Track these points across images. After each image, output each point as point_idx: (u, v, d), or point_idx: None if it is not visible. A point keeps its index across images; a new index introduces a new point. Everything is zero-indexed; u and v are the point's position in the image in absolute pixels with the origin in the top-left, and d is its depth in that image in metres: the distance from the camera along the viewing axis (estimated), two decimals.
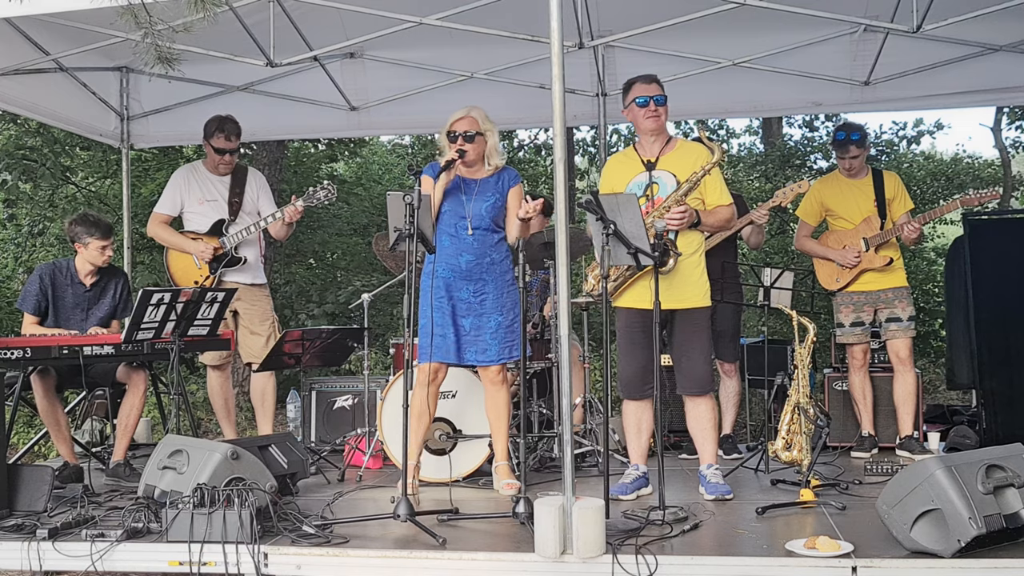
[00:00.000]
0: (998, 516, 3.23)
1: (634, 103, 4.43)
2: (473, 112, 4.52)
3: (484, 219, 4.52)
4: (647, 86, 4.43)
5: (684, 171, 4.35)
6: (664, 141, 4.47)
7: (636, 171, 4.44)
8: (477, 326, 4.52)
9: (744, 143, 15.19)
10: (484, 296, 4.53)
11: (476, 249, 4.50)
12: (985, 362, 5.45)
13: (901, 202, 5.40)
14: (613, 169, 4.60)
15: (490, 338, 4.51)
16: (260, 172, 5.75)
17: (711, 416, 4.43)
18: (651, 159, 4.42)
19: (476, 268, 4.51)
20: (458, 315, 4.51)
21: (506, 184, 4.58)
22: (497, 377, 4.56)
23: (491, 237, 4.56)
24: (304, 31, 5.46)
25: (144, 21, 3.47)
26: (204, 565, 3.49)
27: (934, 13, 4.68)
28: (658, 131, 4.45)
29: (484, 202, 4.51)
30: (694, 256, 4.37)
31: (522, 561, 3.42)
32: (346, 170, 15.07)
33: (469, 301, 4.51)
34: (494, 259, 4.55)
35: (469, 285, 4.51)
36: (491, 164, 4.56)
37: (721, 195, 4.39)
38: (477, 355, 4.52)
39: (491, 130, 4.53)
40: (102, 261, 5.14)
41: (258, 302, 5.56)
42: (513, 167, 4.99)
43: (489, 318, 4.52)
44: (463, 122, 4.48)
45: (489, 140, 4.52)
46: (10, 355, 4.40)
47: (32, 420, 7.81)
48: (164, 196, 5.60)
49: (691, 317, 4.37)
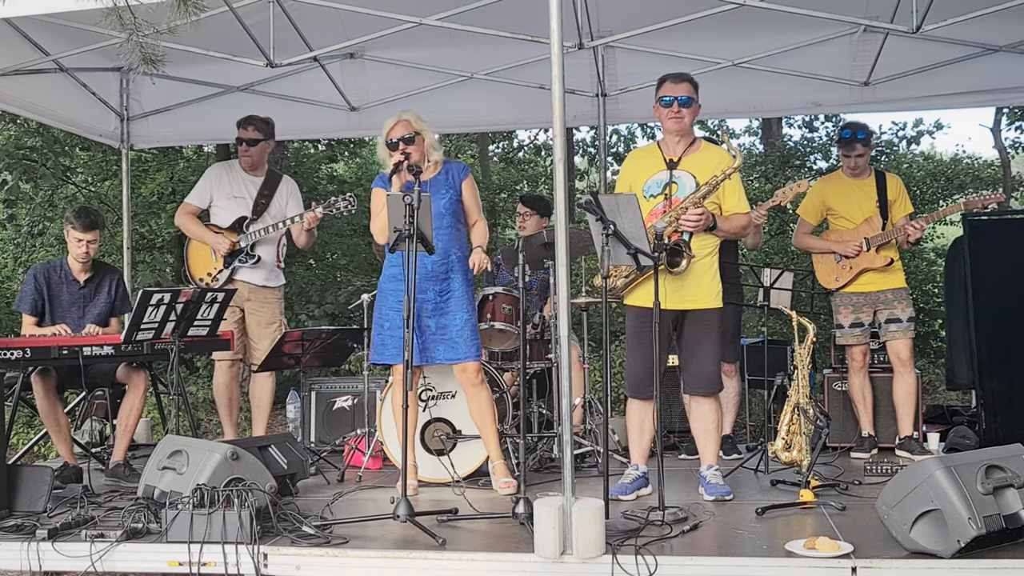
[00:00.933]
0: (998, 516, 3.23)
1: (659, 102, 4.41)
2: (404, 115, 4.53)
3: (444, 217, 4.52)
4: (675, 85, 4.39)
5: (705, 174, 4.33)
6: (689, 142, 4.45)
7: (657, 168, 4.43)
8: (443, 325, 4.52)
9: (744, 143, 15.19)
10: (450, 295, 4.54)
11: (440, 248, 4.47)
12: (985, 362, 5.45)
13: (902, 205, 5.40)
14: (634, 162, 4.61)
15: (456, 335, 4.52)
16: (294, 181, 5.81)
17: (715, 417, 4.43)
18: (673, 158, 4.41)
19: (441, 267, 4.52)
20: (423, 316, 4.49)
21: (456, 178, 4.60)
22: (476, 378, 4.57)
23: (453, 234, 4.56)
24: (304, 31, 5.46)
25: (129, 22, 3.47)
26: (204, 565, 3.49)
27: (934, 13, 4.69)
28: (681, 132, 4.42)
29: (440, 199, 4.51)
30: (707, 258, 4.36)
31: (522, 561, 3.42)
32: (346, 170, 15.08)
33: (435, 301, 4.52)
34: (458, 256, 4.55)
35: (435, 285, 4.52)
36: (431, 160, 4.56)
37: (739, 202, 4.38)
38: (446, 353, 4.52)
39: (425, 128, 4.54)
40: (78, 254, 5.15)
41: (267, 304, 5.57)
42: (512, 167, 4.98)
43: (455, 316, 4.53)
44: (398, 127, 4.49)
45: (427, 138, 4.53)
46: (10, 355, 4.40)
47: (32, 420, 7.81)
48: (196, 187, 5.75)
49: (701, 318, 4.37)
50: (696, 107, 4.41)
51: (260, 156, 5.65)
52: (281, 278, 5.74)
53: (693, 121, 4.45)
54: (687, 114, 4.38)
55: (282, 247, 5.68)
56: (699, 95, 4.45)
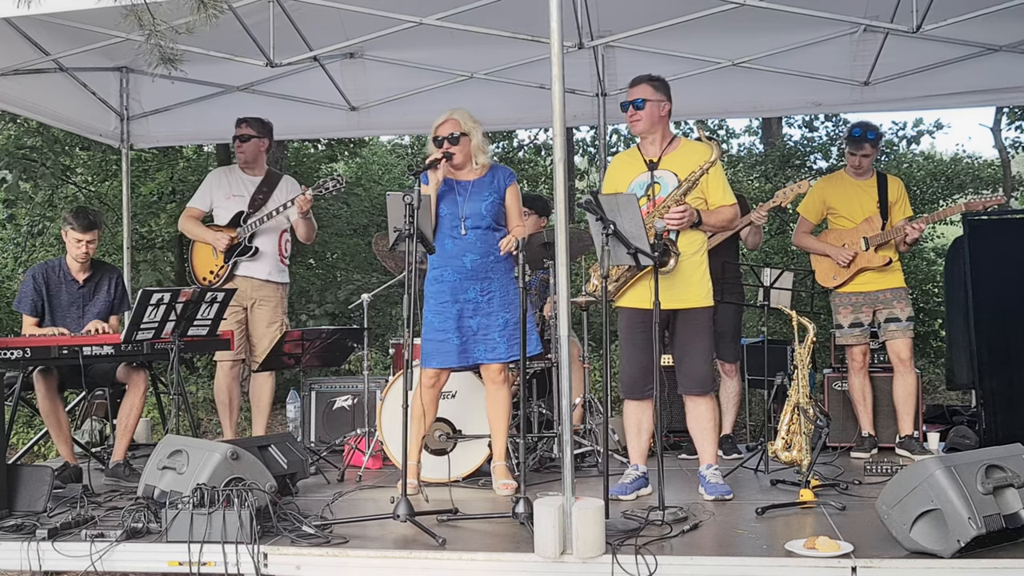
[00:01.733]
0: (997, 516, 3.23)
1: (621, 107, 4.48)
2: (455, 114, 4.53)
3: (484, 218, 4.52)
4: (631, 89, 4.46)
5: (685, 171, 4.34)
6: (667, 141, 4.47)
7: (639, 171, 4.44)
8: (485, 325, 4.52)
9: (744, 143, 15.21)
10: (491, 295, 4.53)
11: (479, 248, 4.50)
12: (985, 362, 5.45)
13: (902, 207, 5.40)
14: (616, 169, 4.61)
15: (498, 336, 4.51)
16: (295, 180, 5.82)
17: (711, 416, 4.43)
18: (653, 159, 4.42)
19: (481, 267, 4.52)
20: (464, 316, 4.50)
21: (502, 183, 4.59)
22: (499, 376, 4.56)
23: (493, 236, 4.56)
24: (304, 31, 5.46)
25: (147, 22, 3.48)
26: (204, 565, 3.49)
27: (934, 13, 4.68)
28: (644, 132, 4.45)
29: (482, 201, 4.52)
30: (696, 256, 4.36)
31: (522, 561, 3.42)
32: (346, 170, 15.07)
33: (476, 300, 4.52)
34: (498, 257, 4.55)
35: (476, 284, 4.51)
36: (478, 163, 4.56)
37: (724, 195, 4.38)
38: (486, 353, 4.52)
39: (475, 129, 4.54)
40: (78, 254, 5.15)
41: (268, 301, 5.57)
42: (512, 167, 4.99)
43: (497, 316, 4.52)
44: (446, 125, 4.50)
45: (474, 139, 4.52)
46: (10, 355, 4.40)
47: (32, 420, 7.81)
48: (197, 192, 5.81)
49: (692, 317, 4.37)
50: (655, 105, 4.39)
51: (255, 154, 5.65)
52: (285, 275, 5.74)
53: (654, 121, 4.41)
54: (643, 116, 4.40)
55: (285, 241, 5.68)
56: (667, 92, 4.44)
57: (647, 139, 4.47)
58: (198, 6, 3.44)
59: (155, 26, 3.52)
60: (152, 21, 3.50)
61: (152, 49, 3.71)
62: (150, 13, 3.50)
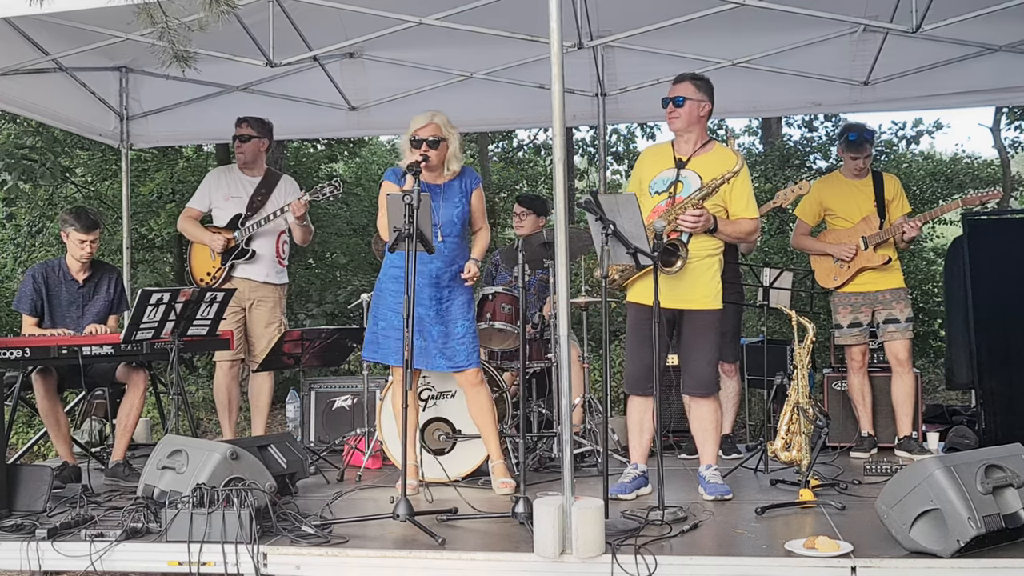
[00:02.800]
0: (997, 516, 3.23)
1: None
2: (436, 118, 4.50)
3: (455, 226, 4.53)
4: (673, 86, 4.44)
5: (711, 175, 4.33)
6: (702, 142, 4.45)
7: (666, 166, 4.43)
8: (444, 333, 4.52)
9: (743, 143, 15.19)
10: (451, 302, 4.53)
11: (445, 256, 4.48)
12: (984, 362, 5.45)
13: (899, 204, 5.40)
14: (645, 159, 4.62)
15: (457, 344, 4.51)
16: (295, 180, 5.83)
17: (714, 418, 4.43)
18: (683, 157, 4.41)
19: (445, 275, 4.51)
20: (427, 321, 4.48)
21: (469, 187, 4.59)
22: (475, 379, 4.58)
23: (460, 244, 4.57)
24: (304, 31, 5.46)
25: (160, 20, 3.48)
26: (203, 565, 3.49)
27: (933, 13, 4.68)
28: (681, 130, 4.43)
29: (454, 208, 4.51)
30: (707, 259, 4.35)
31: (521, 561, 3.42)
32: (345, 170, 15.08)
33: (437, 308, 4.50)
34: (461, 266, 4.54)
35: (438, 292, 4.51)
36: (450, 168, 4.55)
37: (747, 207, 4.36)
38: (445, 362, 4.52)
39: (453, 136, 4.52)
40: (80, 255, 5.14)
41: (266, 301, 5.58)
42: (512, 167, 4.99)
43: (456, 324, 4.52)
44: (427, 128, 4.46)
45: (451, 146, 4.51)
46: (9, 355, 4.40)
47: (31, 420, 7.81)
48: (196, 192, 5.82)
49: (698, 318, 4.36)
50: (695, 105, 4.39)
51: (254, 154, 5.65)
52: (284, 276, 5.74)
53: (693, 120, 4.40)
54: (682, 113, 4.39)
55: (283, 243, 5.68)
56: (710, 93, 4.44)
57: (682, 137, 4.45)
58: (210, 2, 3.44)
59: (168, 23, 3.52)
60: (165, 19, 3.50)
61: (165, 47, 3.71)
62: (162, 11, 3.50)
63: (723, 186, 4.30)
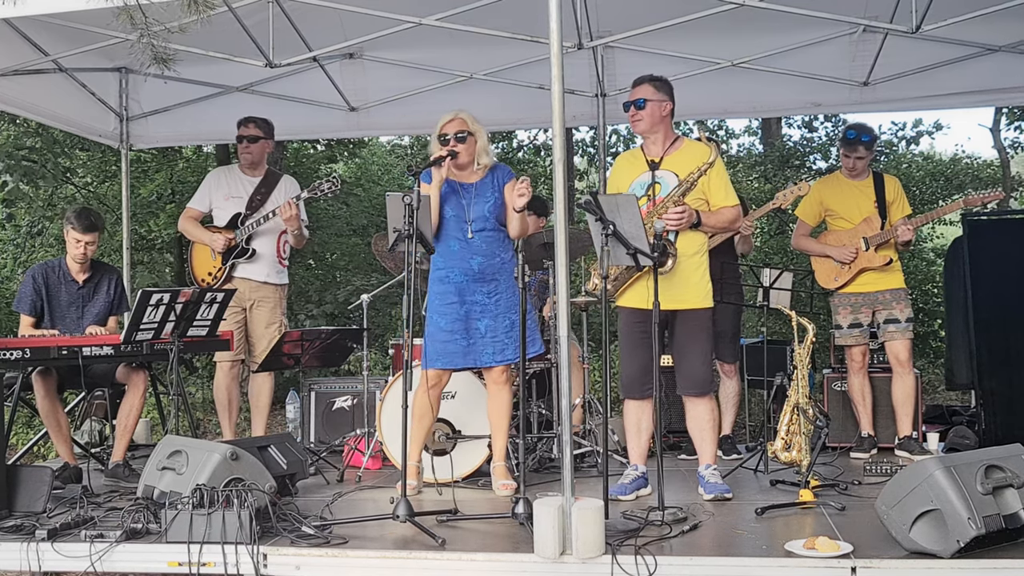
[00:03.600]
0: (997, 516, 3.23)
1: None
2: (462, 114, 4.54)
3: (488, 220, 4.53)
4: (632, 90, 4.46)
5: (686, 171, 4.34)
6: (670, 141, 4.46)
7: (640, 170, 4.44)
8: (493, 327, 4.52)
9: (743, 143, 15.20)
10: (499, 296, 4.54)
11: (485, 250, 4.51)
12: (984, 362, 5.45)
13: (900, 206, 5.40)
14: (620, 168, 4.62)
15: (506, 337, 4.52)
16: (295, 180, 5.83)
17: (710, 417, 4.43)
18: (655, 159, 4.42)
19: (488, 269, 4.52)
20: (472, 318, 4.50)
21: (501, 181, 4.59)
22: (502, 377, 4.57)
23: (498, 236, 4.57)
24: (303, 31, 5.46)
25: (140, 22, 3.48)
26: (203, 566, 3.49)
27: (933, 13, 4.68)
28: (646, 132, 4.45)
29: (485, 203, 4.52)
30: (695, 257, 4.36)
31: (521, 562, 3.41)
32: (345, 171, 15.07)
33: (484, 303, 4.52)
34: (504, 259, 4.56)
35: (483, 287, 4.52)
36: (480, 164, 4.56)
37: (726, 196, 4.38)
38: (494, 355, 4.52)
39: (480, 131, 4.55)
40: (76, 255, 5.14)
41: (266, 302, 5.58)
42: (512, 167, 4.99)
43: (504, 317, 4.53)
44: (453, 123, 4.50)
45: (479, 140, 4.53)
46: (9, 355, 4.40)
47: (31, 420, 7.81)
48: (196, 193, 5.83)
49: (691, 318, 4.37)
50: (657, 105, 4.39)
51: (260, 154, 5.68)
52: (284, 276, 5.74)
53: (656, 121, 4.41)
54: (644, 115, 4.40)
55: (284, 243, 5.68)
56: (669, 92, 4.45)
57: (649, 139, 4.47)
58: (189, 5, 3.44)
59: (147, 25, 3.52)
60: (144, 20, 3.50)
61: (144, 48, 3.71)
62: (142, 12, 3.50)
63: (700, 179, 4.31)
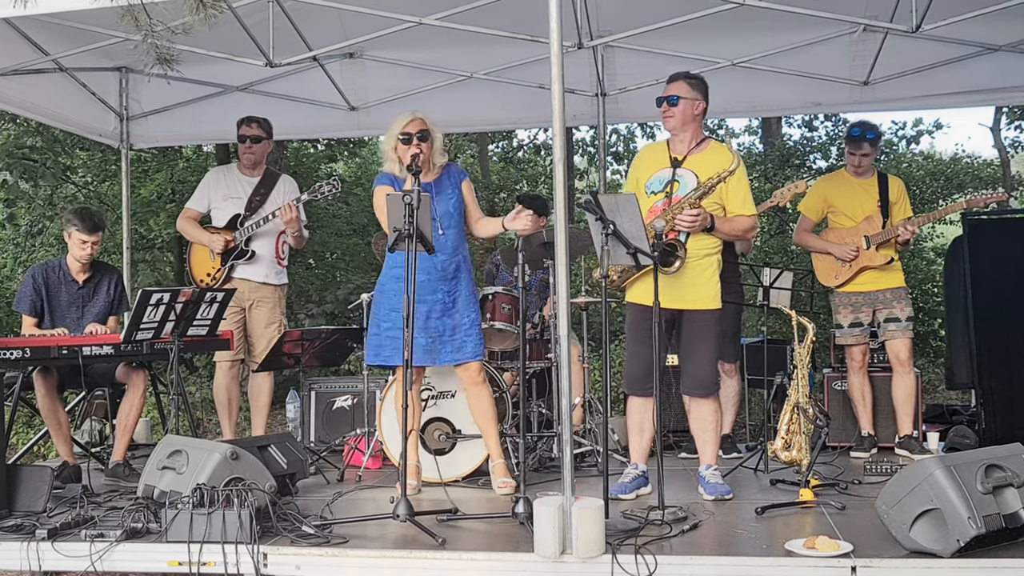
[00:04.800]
0: (997, 516, 3.23)
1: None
2: (419, 114, 4.56)
3: (453, 216, 4.56)
4: (668, 85, 4.45)
5: (707, 174, 4.33)
6: (696, 140, 4.45)
7: (662, 165, 4.44)
8: (452, 325, 4.53)
9: (743, 143, 15.19)
10: (457, 294, 4.55)
11: (448, 249, 4.51)
12: (984, 362, 5.45)
13: (903, 207, 5.40)
14: (642, 159, 4.63)
15: (465, 335, 4.53)
16: (294, 180, 5.83)
17: (713, 418, 4.42)
18: (678, 156, 4.41)
19: (451, 267, 4.54)
20: (432, 316, 4.50)
21: (457, 179, 4.63)
22: (478, 377, 4.58)
23: (460, 235, 4.60)
24: (304, 31, 5.46)
25: (144, 23, 3.48)
26: (203, 565, 3.49)
27: (933, 13, 4.68)
28: (676, 129, 4.43)
29: (448, 199, 4.55)
30: (705, 259, 4.35)
31: (521, 561, 3.42)
32: (345, 170, 15.08)
33: (444, 301, 4.52)
34: (463, 255, 4.60)
35: (443, 285, 4.52)
36: (435, 163, 4.59)
37: (744, 204, 4.36)
38: (453, 354, 4.53)
39: (435, 131, 4.57)
40: (80, 255, 5.14)
41: (265, 302, 5.58)
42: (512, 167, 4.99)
43: (463, 315, 4.54)
44: (414, 123, 4.50)
45: (436, 141, 4.56)
46: (10, 355, 4.40)
47: (32, 420, 7.81)
48: (195, 193, 5.81)
49: (697, 319, 4.36)
50: (690, 104, 4.39)
51: (262, 154, 5.69)
52: (283, 277, 5.74)
53: (687, 119, 4.41)
54: (676, 112, 4.40)
55: (283, 244, 5.68)
56: (704, 92, 4.44)
57: (677, 136, 4.46)
58: (197, 6, 3.44)
59: (152, 26, 3.52)
60: (149, 21, 3.50)
61: (148, 49, 3.71)
62: (147, 13, 3.50)
63: (719, 184, 4.30)
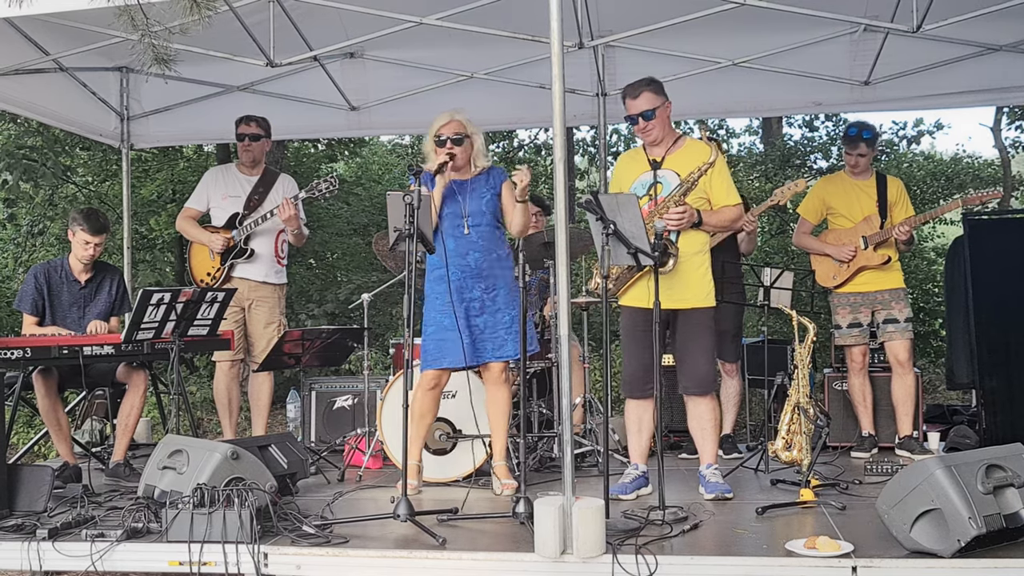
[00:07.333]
0: (998, 516, 3.23)
1: (627, 120, 4.47)
2: (457, 116, 4.53)
3: (484, 215, 4.53)
4: (633, 102, 4.42)
5: (687, 170, 4.34)
6: (672, 140, 4.47)
7: (642, 170, 4.44)
8: (492, 323, 4.52)
9: (744, 143, 15.18)
10: (496, 292, 4.53)
11: (481, 246, 4.50)
12: (985, 362, 5.44)
13: (902, 208, 5.40)
14: (622, 167, 4.62)
15: (505, 333, 4.51)
16: (293, 179, 5.83)
17: (712, 416, 4.43)
18: (657, 158, 4.42)
19: (485, 264, 4.52)
20: (472, 315, 4.50)
21: (497, 180, 4.60)
22: (501, 376, 4.57)
23: (494, 233, 4.57)
24: (304, 31, 5.46)
25: (141, 23, 3.48)
26: (204, 565, 3.49)
27: (934, 13, 4.68)
28: (656, 142, 4.45)
29: (480, 198, 4.53)
30: (697, 256, 4.36)
31: (522, 561, 3.42)
32: (346, 170, 15.07)
33: (482, 299, 4.51)
34: (500, 255, 4.57)
35: (480, 283, 4.51)
36: (478, 166, 4.57)
37: (728, 195, 4.38)
38: (494, 351, 4.51)
39: (476, 133, 4.55)
40: (84, 256, 5.14)
41: (265, 302, 5.58)
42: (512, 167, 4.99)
43: (503, 314, 4.52)
44: (449, 126, 4.49)
45: (476, 143, 4.54)
46: (10, 355, 4.40)
47: (32, 420, 7.81)
48: (194, 192, 5.82)
49: (693, 317, 4.37)
50: (663, 111, 4.40)
51: (261, 153, 5.70)
52: (283, 276, 5.74)
53: (666, 124, 4.44)
54: (655, 124, 4.41)
55: (282, 243, 5.68)
56: (664, 90, 4.44)
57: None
58: (191, 6, 3.44)
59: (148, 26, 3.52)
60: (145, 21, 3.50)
61: (145, 49, 3.71)
62: (143, 13, 3.50)
63: (702, 178, 4.31)
